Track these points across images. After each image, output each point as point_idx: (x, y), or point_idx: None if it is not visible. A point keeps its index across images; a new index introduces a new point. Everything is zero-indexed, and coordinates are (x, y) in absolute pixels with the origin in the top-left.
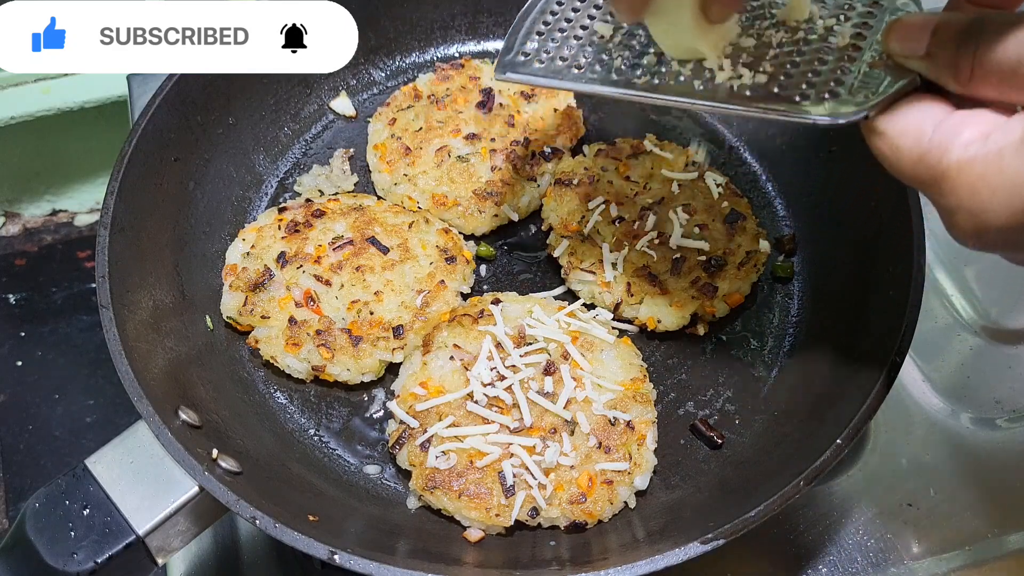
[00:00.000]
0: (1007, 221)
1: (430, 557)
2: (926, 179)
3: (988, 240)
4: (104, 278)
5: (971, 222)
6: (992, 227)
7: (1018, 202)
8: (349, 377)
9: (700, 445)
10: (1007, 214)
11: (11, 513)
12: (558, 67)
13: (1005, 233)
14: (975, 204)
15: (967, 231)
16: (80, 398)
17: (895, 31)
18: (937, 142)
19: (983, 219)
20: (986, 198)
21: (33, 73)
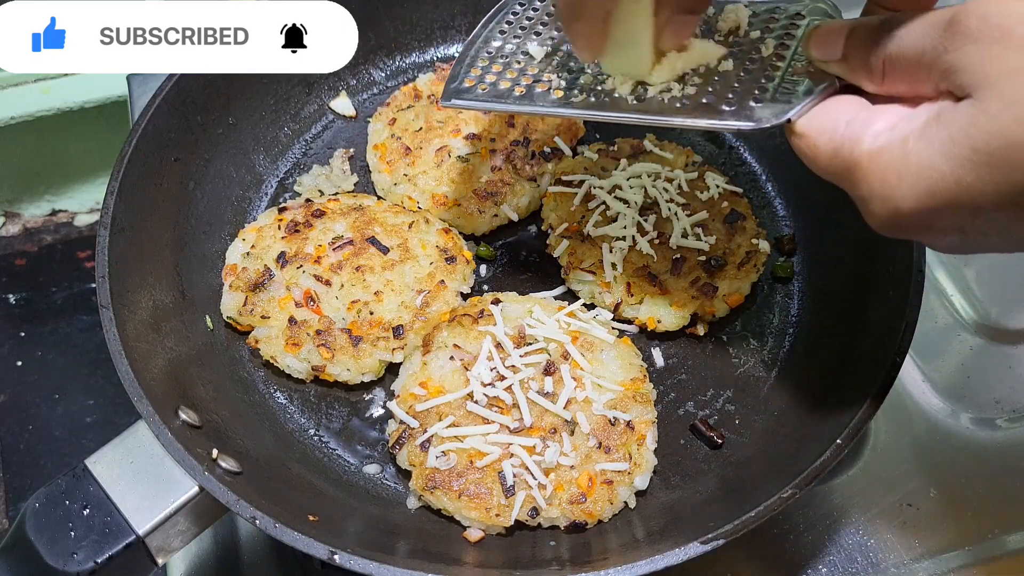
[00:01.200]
0: (915, 205)
1: (430, 557)
2: (841, 171)
3: (902, 225)
4: (104, 278)
5: (884, 208)
6: (903, 212)
7: (923, 185)
8: (349, 377)
9: (700, 445)
10: (914, 197)
11: (11, 513)
12: (500, 91)
13: (916, 216)
14: (885, 191)
15: (882, 218)
16: (80, 398)
17: (813, 38)
18: (849, 135)
19: (894, 205)
20: (894, 184)
21: (33, 73)
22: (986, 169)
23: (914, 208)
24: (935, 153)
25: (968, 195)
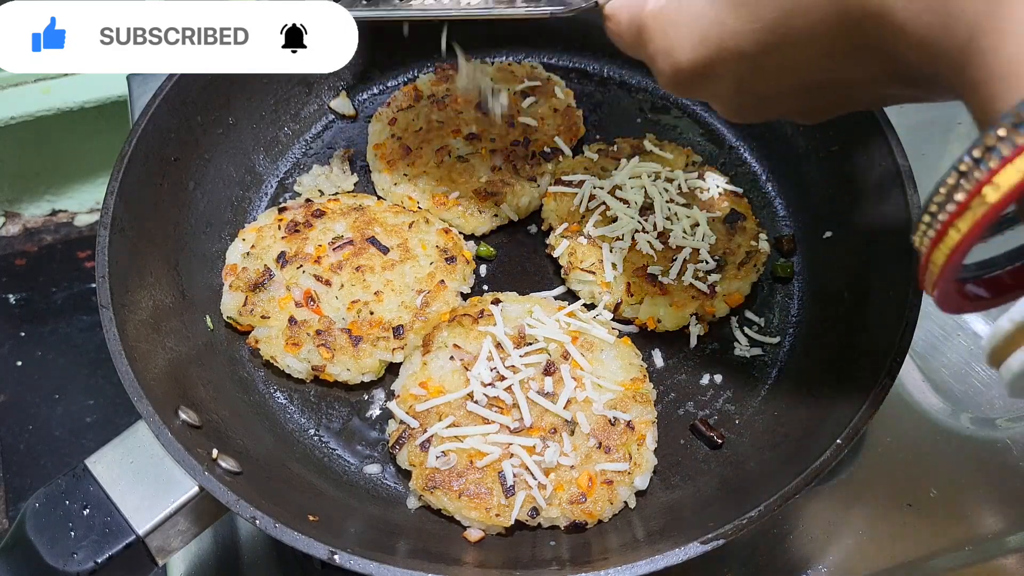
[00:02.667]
0: (692, 55)
1: (430, 557)
2: (634, 38)
3: (684, 78)
4: (104, 278)
5: (666, 63)
6: (682, 64)
7: (695, 34)
8: (349, 377)
9: (700, 445)
10: (690, 47)
11: (11, 513)
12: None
13: (694, 67)
14: (665, 44)
15: (666, 74)
16: (80, 398)
17: None
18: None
19: (675, 58)
20: (673, 36)
21: (33, 73)
22: (742, 9)
23: (691, 58)
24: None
25: (732, 38)
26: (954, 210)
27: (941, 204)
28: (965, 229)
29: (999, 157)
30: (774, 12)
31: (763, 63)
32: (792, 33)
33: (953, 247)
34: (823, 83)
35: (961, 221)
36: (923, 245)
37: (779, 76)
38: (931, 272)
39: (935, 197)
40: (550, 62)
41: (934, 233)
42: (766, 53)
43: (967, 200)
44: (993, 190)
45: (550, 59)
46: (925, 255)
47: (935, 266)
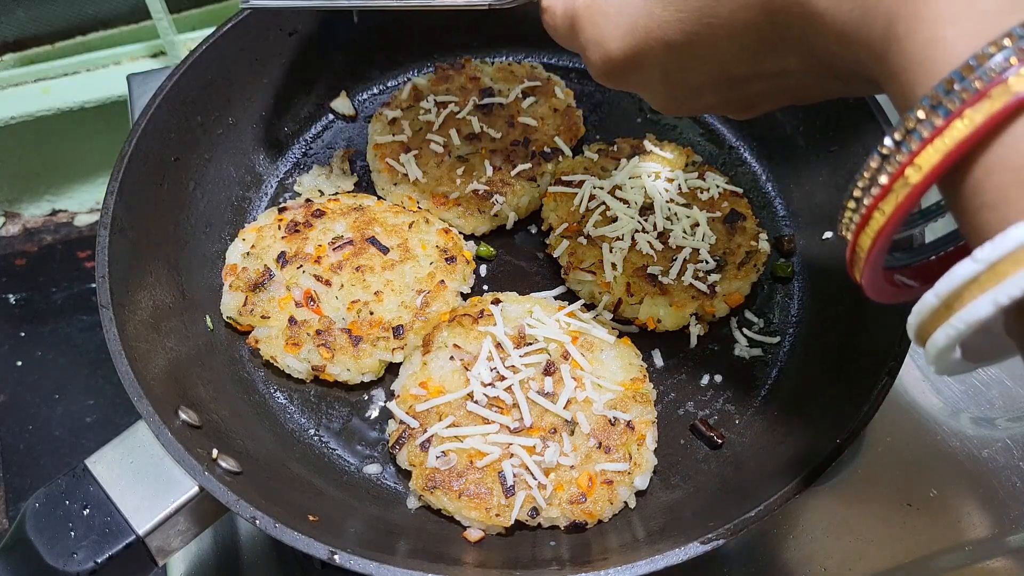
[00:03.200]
0: (622, 44)
1: (430, 557)
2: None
3: (615, 68)
4: (104, 278)
5: (597, 53)
6: (612, 53)
7: (625, 23)
8: (349, 377)
9: (700, 445)
10: (620, 36)
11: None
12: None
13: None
14: (595, 34)
15: (598, 65)
16: (80, 398)
17: None
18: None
19: (605, 48)
20: (603, 26)
21: (33, 73)
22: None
23: (621, 48)
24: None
25: (659, 26)
26: (878, 193)
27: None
28: (889, 211)
29: (919, 139)
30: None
31: (689, 53)
32: (717, 23)
33: (878, 230)
34: (750, 75)
35: (885, 204)
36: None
37: (706, 67)
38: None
39: (859, 182)
40: (550, 62)
41: (859, 218)
42: (692, 43)
43: (890, 182)
44: (915, 171)
45: (550, 59)
46: (852, 241)
47: (862, 250)
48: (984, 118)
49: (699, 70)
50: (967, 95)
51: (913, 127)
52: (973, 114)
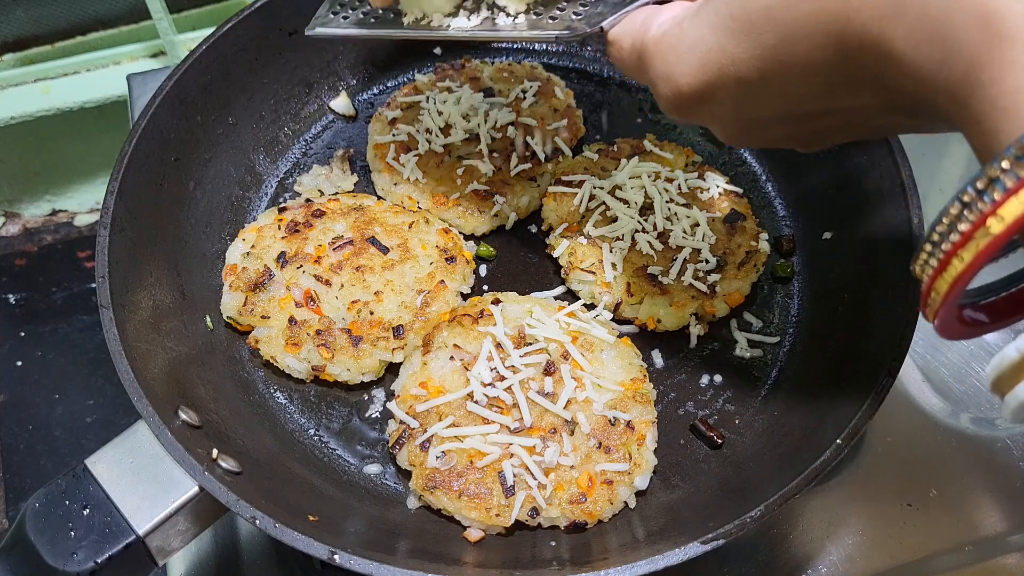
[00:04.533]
0: (692, 79)
1: (430, 557)
2: (636, 63)
3: (685, 102)
4: (104, 278)
5: (667, 87)
6: (683, 88)
7: (696, 59)
8: (349, 377)
9: (700, 445)
10: (691, 72)
11: (11, 513)
12: (361, 19)
13: (694, 91)
14: (666, 69)
15: (668, 98)
16: (80, 398)
17: None
18: (641, 28)
19: (675, 83)
20: (674, 61)
21: (32, 73)
22: (743, 35)
23: (692, 83)
24: (704, 27)
25: (732, 63)
26: (958, 240)
27: (944, 234)
28: (969, 259)
29: (1003, 189)
30: (774, 39)
31: (762, 89)
32: (791, 60)
33: (956, 276)
34: (822, 112)
35: (965, 251)
36: (925, 274)
37: (778, 103)
38: (934, 300)
39: (937, 226)
40: (550, 62)
41: (936, 262)
42: (766, 80)
43: (971, 230)
44: (997, 221)
45: (550, 59)
46: (928, 283)
47: (938, 294)
48: None
49: (771, 105)
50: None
51: (996, 176)
52: None
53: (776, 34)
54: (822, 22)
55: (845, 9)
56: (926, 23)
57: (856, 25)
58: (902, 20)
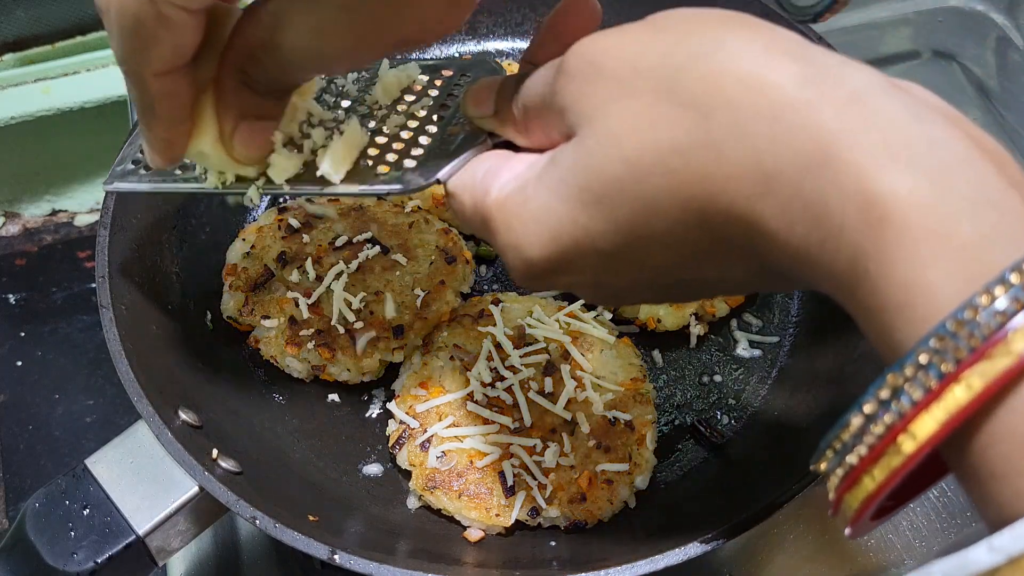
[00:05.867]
0: (543, 252)
1: (430, 557)
2: (480, 225)
3: (538, 274)
4: (104, 278)
5: (516, 258)
6: (534, 260)
7: (545, 230)
8: (349, 377)
9: (700, 445)
10: (540, 244)
11: (11, 513)
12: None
13: (548, 264)
14: (512, 239)
15: (517, 268)
16: (80, 398)
17: (469, 94)
18: (482, 187)
19: (524, 253)
20: (519, 231)
21: (32, 73)
22: (595, 208)
23: (542, 255)
24: (551, 196)
25: (587, 236)
26: (866, 455)
27: (848, 444)
28: (881, 479)
29: (910, 403)
30: (628, 213)
31: (622, 262)
32: (652, 234)
33: (869, 496)
34: (689, 279)
35: (876, 469)
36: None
37: (643, 272)
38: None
39: (841, 433)
40: None
41: (843, 473)
42: (624, 252)
43: (880, 447)
44: (909, 439)
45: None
46: (836, 496)
47: (849, 509)
48: (986, 383)
49: (633, 276)
50: (962, 354)
51: (900, 385)
52: (972, 378)
53: (630, 209)
54: (680, 198)
55: (706, 185)
56: (800, 203)
57: (722, 202)
58: (774, 198)
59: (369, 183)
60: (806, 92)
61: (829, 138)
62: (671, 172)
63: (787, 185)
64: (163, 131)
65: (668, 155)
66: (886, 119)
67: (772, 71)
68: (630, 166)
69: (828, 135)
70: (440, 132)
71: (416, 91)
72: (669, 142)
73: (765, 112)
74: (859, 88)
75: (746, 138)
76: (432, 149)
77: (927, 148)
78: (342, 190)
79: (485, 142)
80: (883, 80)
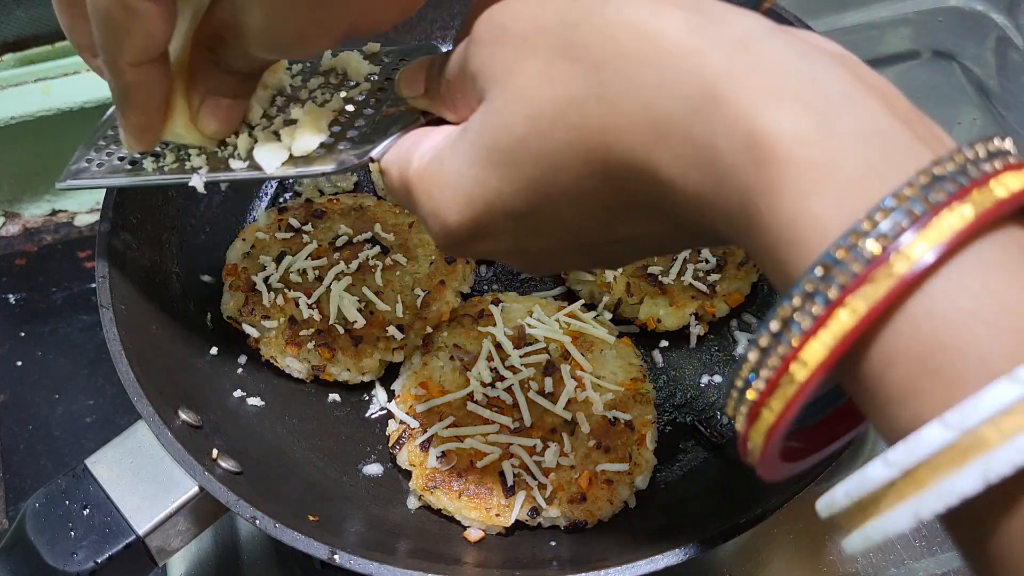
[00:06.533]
0: (460, 217)
1: (430, 557)
2: (405, 197)
3: (457, 240)
4: (104, 278)
5: (437, 224)
6: (451, 225)
7: (460, 195)
8: (349, 377)
9: (700, 445)
10: (457, 209)
11: (11, 513)
12: (115, 166)
13: (466, 229)
14: (431, 206)
15: (438, 235)
16: (80, 398)
17: (402, 76)
18: (405, 159)
19: (443, 219)
20: (438, 197)
21: (32, 73)
22: (504, 168)
23: (461, 220)
24: (462, 160)
25: (498, 197)
26: (763, 388)
27: (747, 380)
28: (779, 409)
29: (800, 331)
30: (535, 170)
31: (536, 221)
32: (560, 191)
33: (769, 428)
34: (603, 240)
35: (773, 400)
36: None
37: (556, 234)
38: (752, 452)
39: (739, 371)
40: None
41: (747, 410)
42: (537, 211)
43: (775, 378)
44: (800, 367)
45: None
46: (743, 434)
47: (755, 445)
48: (869, 306)
49: (549, 238)
50: (845, 279)
51: (789, 316)
52: (856, 302)
53: (536, 166)
54: (581, 152)
55: (603, 137)
56: (691, 147)
57: (618, 152)
58: (666, 144)
59: (304, 165)
60: (693, 39)
61: (715, 81)
62: (570, 127)
63: (677, 131)
64: (138, 118)
65: (566, 109)
66: (771, 59)
67: (659, 20)
68: (532, 122)
69: (714, 78)
70: (376, 113)
71: (357, 77)
72: (566, 96)
73: (653, 60)
74: (745, 32)
75: (636, 87)
76: (366, 130)
77: (810, 85)
78: (278, 173)
79: (418, 121)
80: (770, 24)
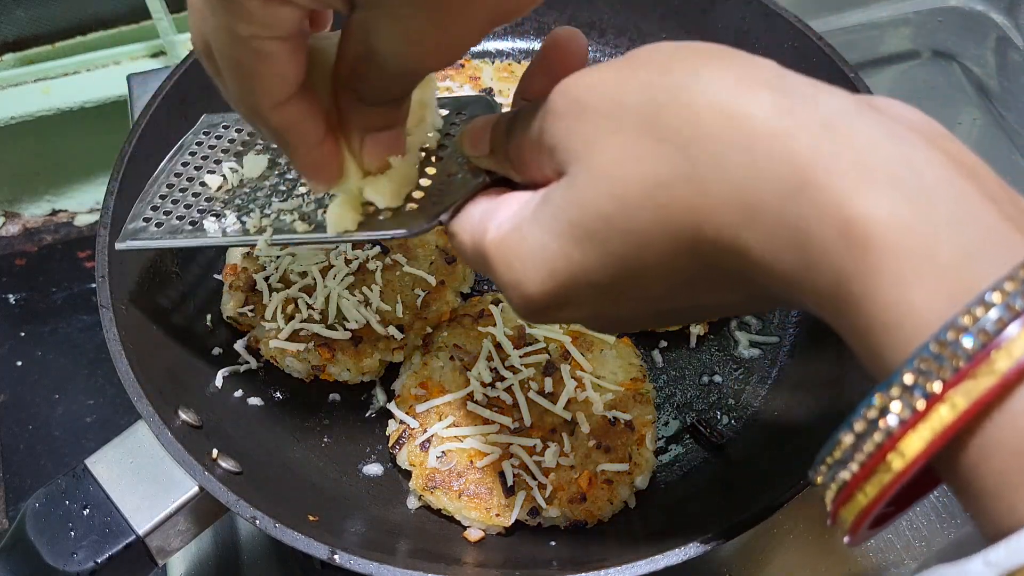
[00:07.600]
0: (542, 288)
1: (430, 557)
2: (481, 265)
3: (538, 310)
4: (104, 278)
5: (516, 295)
6: (534, 296)
7: (542, 267)
8: (349, 377)
9: (700, 445)
10: (539, 280)
11: (11, 513)
12: (175, 226)
13: (547, 299)
14: (512, 277)
15: (518, 305)
16: (80, 398)
17: (465, 135)
18: (480, 227)
19: (523, 290)
20: (519, 269)
21: (33, 73)
22: (588, 243)
23: (542, 291)
24: (544, 233)
25: (582, 271)
26: (858, 472)
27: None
28: (873, 495)
29: (898, 422)
30: (621, 247)
31: (618, 293)
32: (645, 266)
33: (862, 511)
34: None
35: (868, 486)
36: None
37: (640, 302)
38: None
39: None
40: None
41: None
42: (621, 284)
43: (871, 463)
44: (898, 457)
45: None
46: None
47: (844, 523)
48: (970, 401)
49: (630, 306)
50: (947, 375)
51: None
52: (957, 397)
53: (623, 243)
54: (669, 231)
55: (692, 217)
56: (783, 230)
57: (708, 232)
58: (757, 226)
59: (374, 229)
60: (780, 121)
61: (805, 164)
62: (658, 206)
63: (769, 214)
64: (302, 159)
65: (654, 189)
66: (861, 141)
67: (745, 101)
68: (618, 201)
69: (804, 161)
70: (440, 173)
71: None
72: (654, 176)
73: (741, 143)
74: (833, 112)
75: (725, 170)
76: (432, 190)
77: (904, 168)
78: (349, 237)
79: (483, 180)
80: (858, 102)
